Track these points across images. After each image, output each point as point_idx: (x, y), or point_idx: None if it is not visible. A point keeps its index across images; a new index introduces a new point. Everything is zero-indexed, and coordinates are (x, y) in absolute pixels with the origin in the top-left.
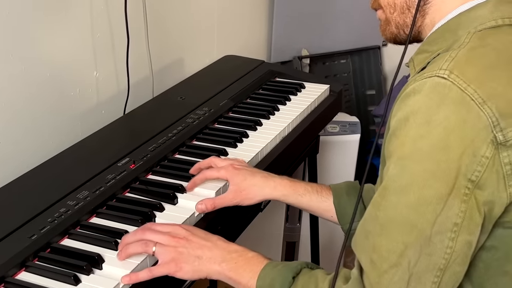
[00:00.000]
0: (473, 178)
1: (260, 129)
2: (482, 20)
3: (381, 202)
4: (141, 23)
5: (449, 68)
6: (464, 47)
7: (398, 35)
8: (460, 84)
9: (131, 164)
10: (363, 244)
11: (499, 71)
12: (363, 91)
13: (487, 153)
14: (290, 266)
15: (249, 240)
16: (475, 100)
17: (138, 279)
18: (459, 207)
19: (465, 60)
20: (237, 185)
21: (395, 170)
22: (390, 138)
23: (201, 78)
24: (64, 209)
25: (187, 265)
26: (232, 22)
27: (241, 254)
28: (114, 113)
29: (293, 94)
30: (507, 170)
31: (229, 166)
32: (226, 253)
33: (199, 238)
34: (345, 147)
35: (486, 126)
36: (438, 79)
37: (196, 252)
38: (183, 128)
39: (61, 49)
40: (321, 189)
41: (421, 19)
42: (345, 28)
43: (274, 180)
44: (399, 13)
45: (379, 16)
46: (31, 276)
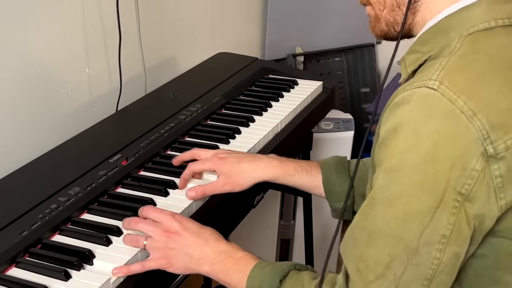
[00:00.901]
0: (463, 191)
1: (252, 126)
2: (474, 22)
3: (369, 212)
4: (133, 20)
5: (439, 78)
6: (455, 54)
7: (388, 32)
8: (450, 95)
9: (123, 160)
10: (350, 252)
11: (491, 78)
12: (358, 88)
13: (477, 166)
14: (278, 269)
15: (244, 237)
16: (465, 113)
17: (130, 271)
18: (448, 219)
19: (455, 68)
20: (225, 173)
21: (383, 181)
22: (380, 146)
23: (194, 75)
24: (55, 205)
25: (178, 261)
26: (226, 20)
27: (230, 254)
28: (106, 110)
29: (286, 91)
30: (498, 183)
31: (213, 157)
32: (216, 254)
33: (191, 233)
34: (339, 144)
35: (476, 139)
36: (427, 90)
37: (187, 250)
38: (176, 124)
39: (53, 46)
40: (311, 167)
41: (412, 16)
42: (339, 26)
43: (263, 162)
44: (389, 10)
45: (368, 12)
46: (22, 272)
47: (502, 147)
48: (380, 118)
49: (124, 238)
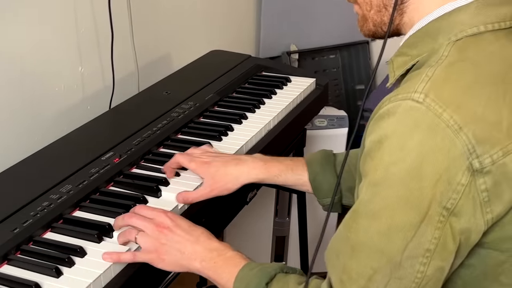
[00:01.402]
0: (448, 205)
1: (245, 123)
2: (463, 26)
3: (352, 224)
4: (126, 18)
5: (425, 90)
6: (441, 63)
7: (376, 32)
8: (436, 109)
9: (115, 158)
10: (333, 262)
11: (478, 90)
12: (353, 86)
13: (463, 180)
14: (265, 271)
15: (239, 235)
16: (450, 127)
17: (119, 259)
18: (433, 234)
19: (442, 79)
20: (211, 178)
21: (366, 195)
22: (364, 158)
23: (187, 73)
24: (47, 203)
25: (169, 257)
26: (220, 18)
27: (220, 253)
28: (99, 109)
29: (279, 88)
30: (483, 197)
31: (198, 161)
32: (207, 251)
33: (182, 230)
34: (333, 141)
35: (462, 153)
36: (412, 103)
37: (178, 246)
38: (168, 122)
39: (45, 44)
40: (296, 166)
41: (399, 17)
42: (333, 23)
43: (247, 165)
44: (375, 11)
45: (356, 10)
46: (14, 269)
47: (488, 161)
48: (365, 128)
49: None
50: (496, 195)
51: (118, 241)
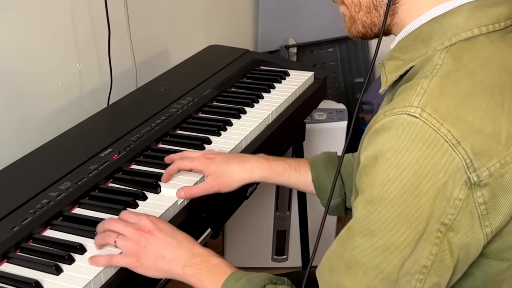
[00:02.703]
0: (446, 221)
1: (244, 117)
2: (456, 30)
3: (347, 241)
4: (122, 14)
5: (421, 104)
6: (436, 73)
7: (365, 33)
8: (433, 123)
9: (114, 154)
10: (326, 279)
11: (475, 101)
12: (351, 78)
13: (461, 195)
14: (253, 282)
15: (240, 229)
16: (448, 142)
17: (98, 263)
18: (430, 250)
19: (438, 92)
20: (213, 173)
21: (362, 213)
22: (360, 173)
23: (185, 68)
24: (46, 200)
25: (148, 262)
26: (218, 12)
27: (204, 259)
28: (97, 105)
29: (278, 82)
30: (482, 210)
31: (201, 157)
32: (189, 256)
33: (164, 234)
34: (332, 134)
35: (460, 168)
36: (408, 118)
37: (159, 250)
38: (167, 118)
39: (42, 41)
40: (299, 165)
41: (390, 18)
42: (332, 16)
43: (250, 163)
44: (365, 12)
45: (342, 11)
46: (13, 267)
47: (486, 174)
48: (360, 142)
49: (96, 237)
50: (494, 208)
51: (95, 244)
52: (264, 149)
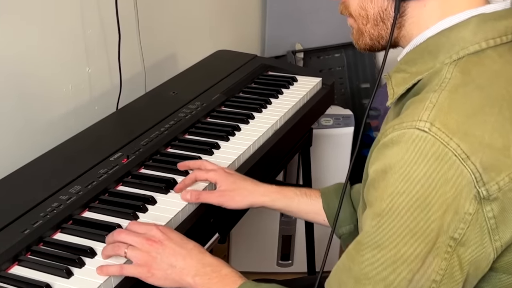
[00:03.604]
0: (455, 235)
1: (252, 123)
2: (464, 44)
3: (356, 256)
4: (133, 19)
5: (430, 119)
6: (445, 87)
7: (373, 46)
8: (442, 138)
9: (123, 158)
10: None
11: (484, 115)
12: (358, 84)
13: (470, 209)
14: None
15: (245, 233)
16: (458, 156)
17: (108, 273)
18: (439, 264)
19: (447, 106)
20: (226, 186)
21: (371, 227)
22: (368, 187)
23: (194, 73)
24: (56, 204)
25: (159, 272)
26: (226, 17)
27: (215, 269)
28: (107, 109)
29: (285, 88)
30: (491, 225)
31: (219, 169)
32: (200, 265)
33: (174, 244)
34: (339, 140)
35: (469, 182)
36: (418, 132)
37: (169, 260)
38: (176, 122)
39: (53, 45)
40: (310, 192)
41: (397, 31)
42: (338, 22)
43: (264, 187)
44: (372, 25)
45: (350, 23)
46: (24, 270)
47: (495, 188)
48: (368, 155)
49: (105, 248)
50: (504, 222)
51: (102, 255)
52: (272, 154)
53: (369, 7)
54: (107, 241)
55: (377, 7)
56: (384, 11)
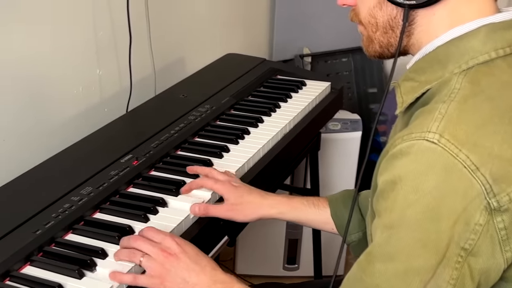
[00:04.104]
0: (466, 246)
1: (261, 126)
2: (473, 54)
3: (367, 267)
4: (143, 22)
5: (439, 130)
6: (454, 98)
7: (382, 53)
8: (452, 149)
9: (134, 160)
10: None
11: (494, 126)
12: (365, 89)
13: (481, 220)
14: None
15: (252, 237)
16: (467, 167)
17: (121, 280)
18: (451, 275)
19: (456, 117)
20: (234, 200)
21: (381, 239)
22: (377, 197)
23: (203, 76)
24: (68, 205)
25: (172, 284)
26: (234, 21)
27: (226, 286)
28: (117, 111)
29: (294, 92)
30: (502, 236)
31: (226, 182)
32: (212, 282)
33: (189, 258)
34: (347, 144)
35: (479, 193)
36: (427, 144)
37: (183, 274)
38: (185, 125)
39: (64, 47)
40: (318, 201)
41: (407, 39)
42: (346, 26)
43: (271, 198)
44: (382, 32)
45: (360, 30)
46: (36, 270)
47: (506, 199)
48: (376, 165)
49: (120, 252)
50: None
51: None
52: (281, 158)
53: (378, 15)
54: (121, 245)
55: (386, 15)
56: (393, 19)
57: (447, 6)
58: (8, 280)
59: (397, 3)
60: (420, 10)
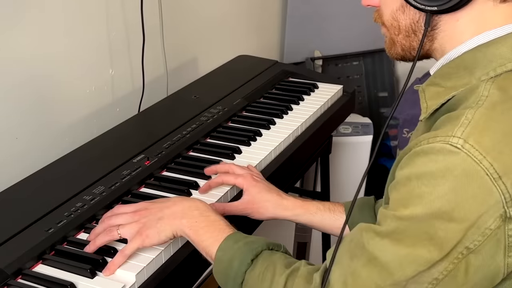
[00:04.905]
0: (471, 246)
1: (273, 128)
2: (502, 61)
3: (375, 238)
4: (157, 22)
5: (464, 135)
6: (482, 105)
7: (404, 56)
8: (475, 156)
9: (146, 160)
10: (344, 261)
11: None
12: (376, 92)
13: (493, 226)
14: (251, 247)
15: None
16: (490, 175)
17: (115, 265)
18: (446, 267)
19: (483, 124)
20: (252, 196)
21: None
22: (392, 189)
23: (215, 77)
24: (80, 204)
25: (151, 230)
26: (246, 23)
27: (202, 213)
28: (129, 111)
29: (307, 94)
30: (510, 242)
31: (248, 175)
32: (186, 208)
33: (158, 203)
34: (358, 148)
35: (498, 202)
36: (450, 148)
37: (157, 215)
38: (197, 126)
39: (77, 46)
40: (334, 207)
41: (429, 43)
42: (358, 30)
43: (287, 200)
44: (404, 36)
45: (383, 32)
46: (48, 269)
47: None
48: (395, 163)
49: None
50: None
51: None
52: (292, 160)
53: (401, 18)
54: (96, 232)
55: (409, 19)
56: (415, 23)
57: (472, 12)
58: (20, 278)
59: (419, 9)
60: (443, 15)
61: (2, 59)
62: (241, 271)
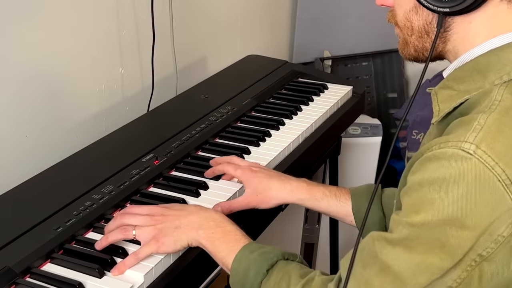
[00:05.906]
0: (484, 253)
1: (283, 129)
2: None
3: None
4: (167, 21)
5: (476, 141)
6: (495, 109)
7: (417, 57)
8: (488, 162)
9: (155, 160)
10: (357, 271)
11: None
12: (385, 93)
13: (505, 232)
14: (266, 257)
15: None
16: (502, 182)
17: (125, 266)
18: (459, 275)
19: (495, 129)
20: (253, 188)
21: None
22: (403, 194)
23: (225, 77)
24: (89, 203)
25: (167, 238)
26: (256, 22)
27: (218, 224)
28: (138, 110)
29: (316, 95)
30: None
31: (246, 168)
32: (203, 220)
33: (175, 210)
34: (367, 149)
35: (510, 208)
36: (462, 153)
37: (174, 223)
38: (206, 126)
39: (88, 45)
40: (340, 193)
41: (442, 45)
42: (367, 30)
43: (290, 183)
44: (417, 37)
45: (397, 33)
46: (56, 268)
47: None
48: (407, 167)
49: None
50: None
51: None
52: (301, 161)
53: (414, 19)
54: (109, 229)
55: (422, 20)
56: (428, 24)
57: (485, 15)
58: (29, 277)
59: (431, 10)
60: (456, 17)
61: (13, 56)
62: (256, 282)
